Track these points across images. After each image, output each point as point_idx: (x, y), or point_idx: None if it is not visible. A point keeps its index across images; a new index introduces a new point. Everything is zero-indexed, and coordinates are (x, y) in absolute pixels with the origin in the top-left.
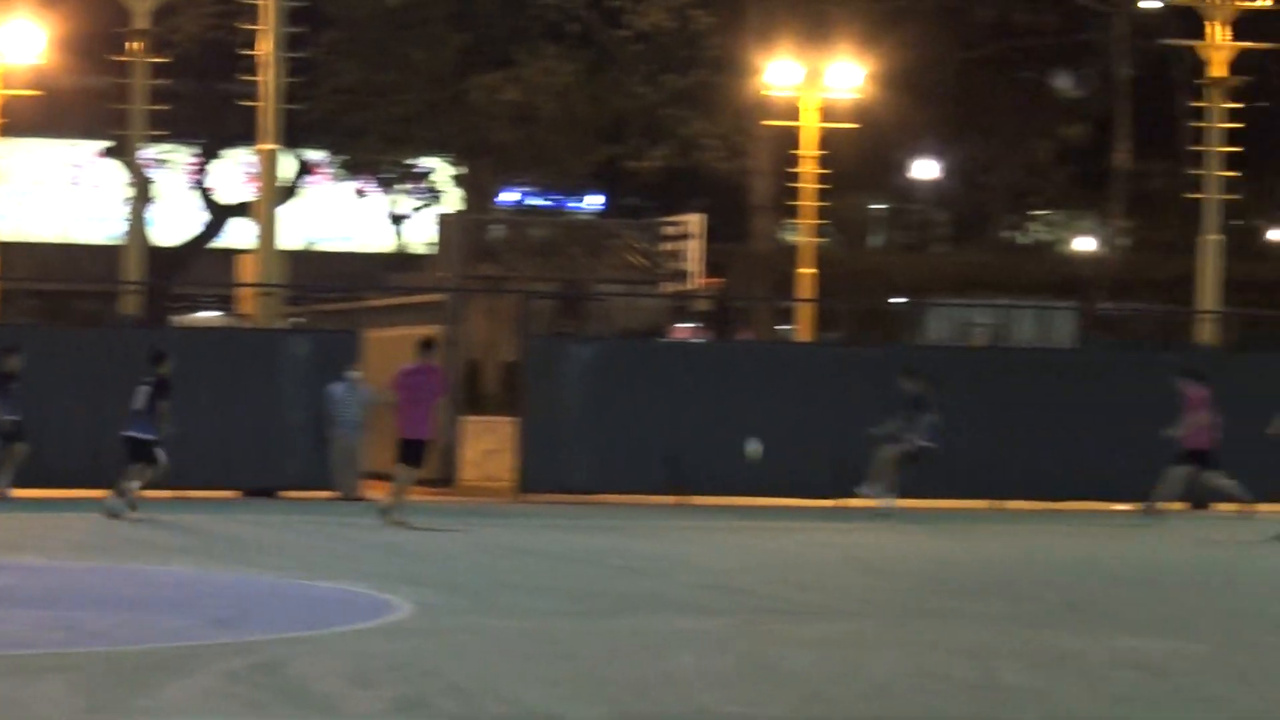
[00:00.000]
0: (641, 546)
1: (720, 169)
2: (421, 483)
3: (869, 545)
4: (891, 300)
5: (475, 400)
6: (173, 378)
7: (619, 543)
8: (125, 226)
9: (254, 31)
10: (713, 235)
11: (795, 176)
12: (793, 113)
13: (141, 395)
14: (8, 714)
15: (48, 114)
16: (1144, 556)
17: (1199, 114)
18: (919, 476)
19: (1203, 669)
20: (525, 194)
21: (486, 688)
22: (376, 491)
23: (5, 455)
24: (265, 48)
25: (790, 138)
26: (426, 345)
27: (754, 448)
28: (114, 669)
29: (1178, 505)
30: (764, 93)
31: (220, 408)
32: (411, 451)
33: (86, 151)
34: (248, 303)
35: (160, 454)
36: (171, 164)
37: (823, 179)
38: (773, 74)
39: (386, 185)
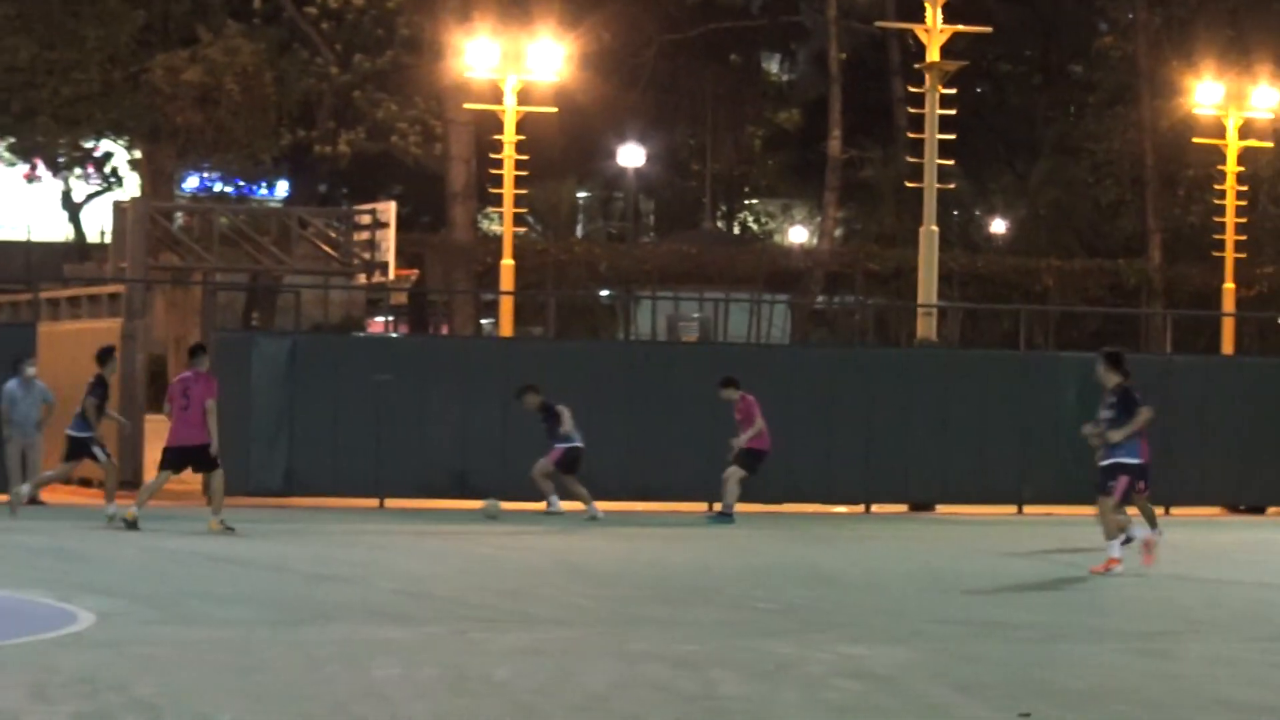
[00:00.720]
0: (338, 552)
1: (416, 155)
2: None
3: (577, 549)
4: (599, 293)
5: (159, 398)
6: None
7: (314, 548)
8: None
9: None
10: (409, 224)
11: (495, 163)
12: (492, 96)
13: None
14: None
15: None
16: (862, 561)
17: (915, 100)
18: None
19: (922, 676)
20: (209, 180)
21: (176, 703)
22: (56, 495)
23: None
24: None
25: (490, 122)
26: (196, 351)
27: (493, 506)
28: None
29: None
30: (462, 75)
31: None
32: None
33: None
34: None
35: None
36: None
37: (524, 166)
38: (471, 55)
39: (60, 169)
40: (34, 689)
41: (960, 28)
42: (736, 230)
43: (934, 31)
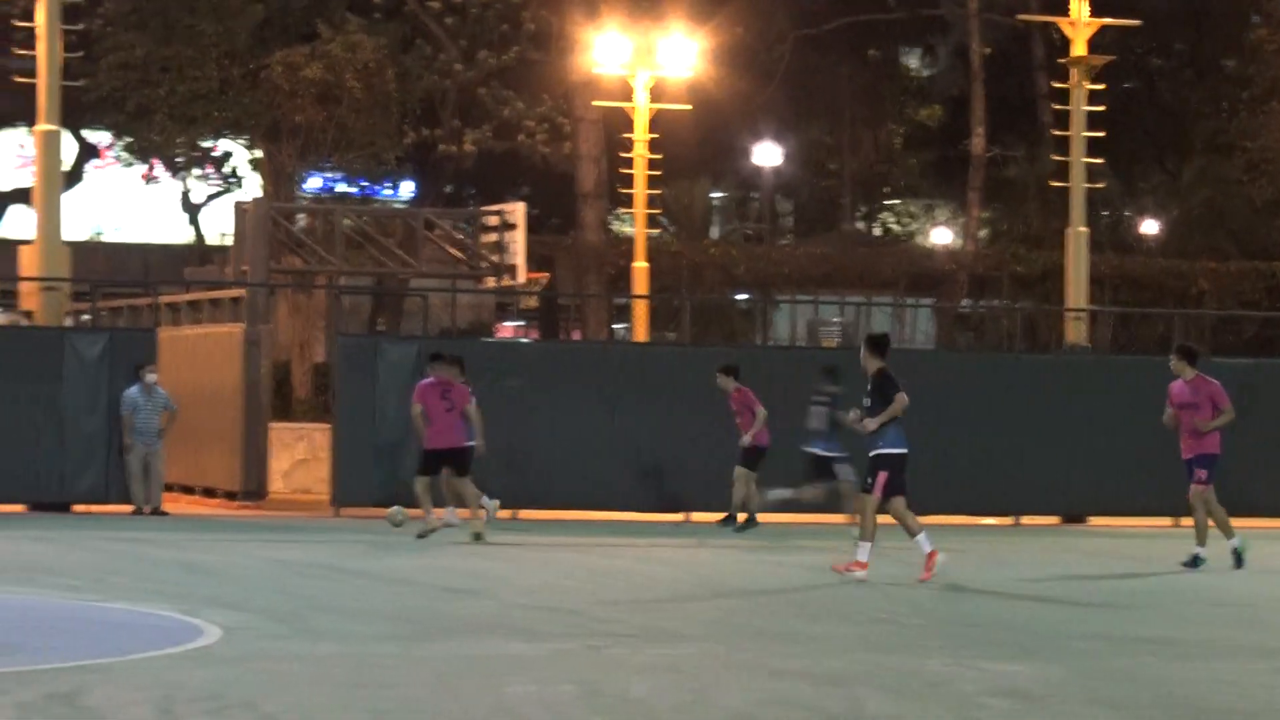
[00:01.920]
0: (467, 564)
1: (544, 154)
2: (228, 496)
3: (713, 562)
4: (736, 296)
5: (284, 406)
6: None
7: (443, 560)
8: None
9: (28, 0)
10: (539, 226)
11: (626, 162)
12: (622, 92)
13: None
14: None
15: None
16: (1010, 574)
17: (1061, 96)
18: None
19: (1074, 694)
20: (332, 180)
21: (302, 719)
22: (180, 505)
23: None
24: (40, 18)
25: (620, 120)
26: (436, 358)
27: (397, 514)
28: None
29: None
30: (591, 71)
31: (2, 414)
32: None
33: None
34: (30, 298)
35: None
36: None
37: (656, 165)
38: (600, 51)
39: (178, 170)
40: (160, 705)
41: (1107, 21)
42: (877, 231)
43: (1079, 25)
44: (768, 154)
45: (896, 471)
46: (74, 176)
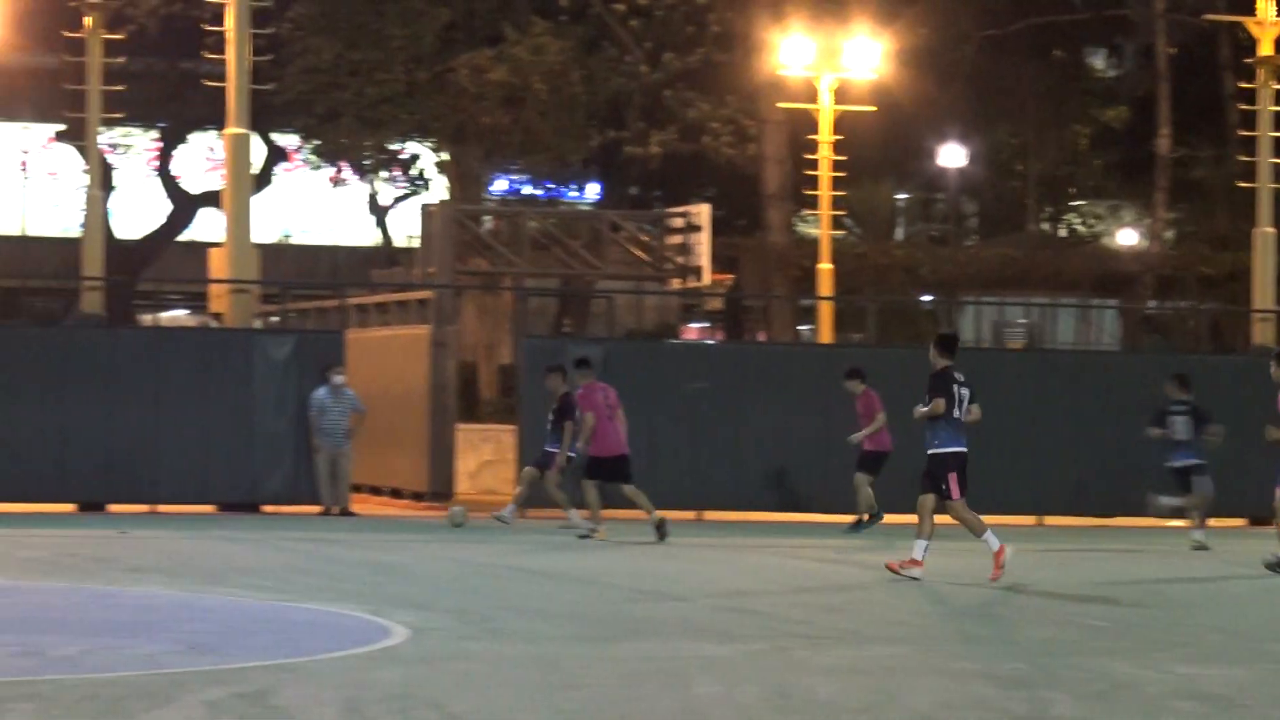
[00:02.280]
0: (652, 565)
1: (729, 155)
2: (415, 497)
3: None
4: (920, 298)
5: (470, 407)
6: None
7: (628, 561)
8: (83, 217)
9: (218, 5)
10: (722, 227)
11: (811, 163)
12: (807, 94)
13: None
14: None
15: None
16: (1197, 575)
17: (1248, 96)
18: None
19: (1264, 699)
20: (518, 182)
21: (492, 719)
22: (367, 506)
23: None
24: (230, 23)
25: (805, 121)
26: (583, 363)
27: (458, 514)
28: (86, 698)
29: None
30: (776, 73)
31: (193, 415)
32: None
33: (39, 136)
34: (220, 301)
35: None
36: (132, 149)
37: (841, 166)
38: (785, 52)
39: (366, 173)
40: (348, 705)
41: None
42: (1062, 233)
43: (1266, 25)
44: (952, 155)
45: (961, 470)
46: (263, 179)
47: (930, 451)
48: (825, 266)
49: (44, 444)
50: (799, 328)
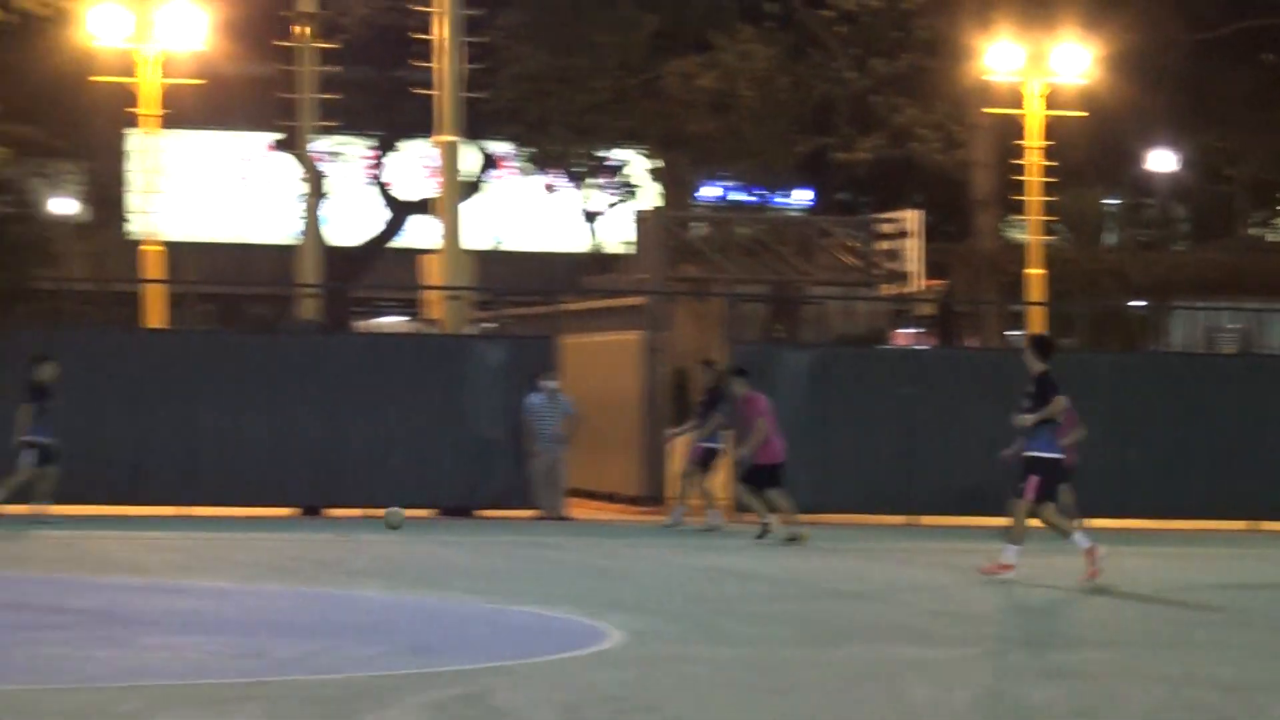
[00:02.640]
0: (866, 569)
1: (938, 161)
2: (629, 501)
3: (1115, 569)
4: (1130, 303)
5: (682, 412)
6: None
7: (842, 565)
8: (299, 225)
9: (429, 14)
10: (932, 233)
11: (1020, 169)
12: (1015, 100)
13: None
14: None
15: (212, 105)
16: None
17: None
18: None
19: None
20: (728, 188)
21: None
22: (582, 510)
23: (38, 476)
24: (441, 32)
25: (1013, 127)
26: (742, 371)
27: (394, 516)
28: (309, 700)
29: None
30: (983, 78)
31: (410, 421)
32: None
33: (256, 145)
34: (435, 307)
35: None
36: (346, 157)
37: (1050, 171)
38: (992, 58)
39: (577, 180)
40: (566, 706)
41: None
42: (1273, 237)
43: None
44: (1161, 160)
45: (1050, 477)
46: (475, 187)
47: (1032, 455)
48: (1035, 272)
49: (263, 449)
50: (1009, 333)
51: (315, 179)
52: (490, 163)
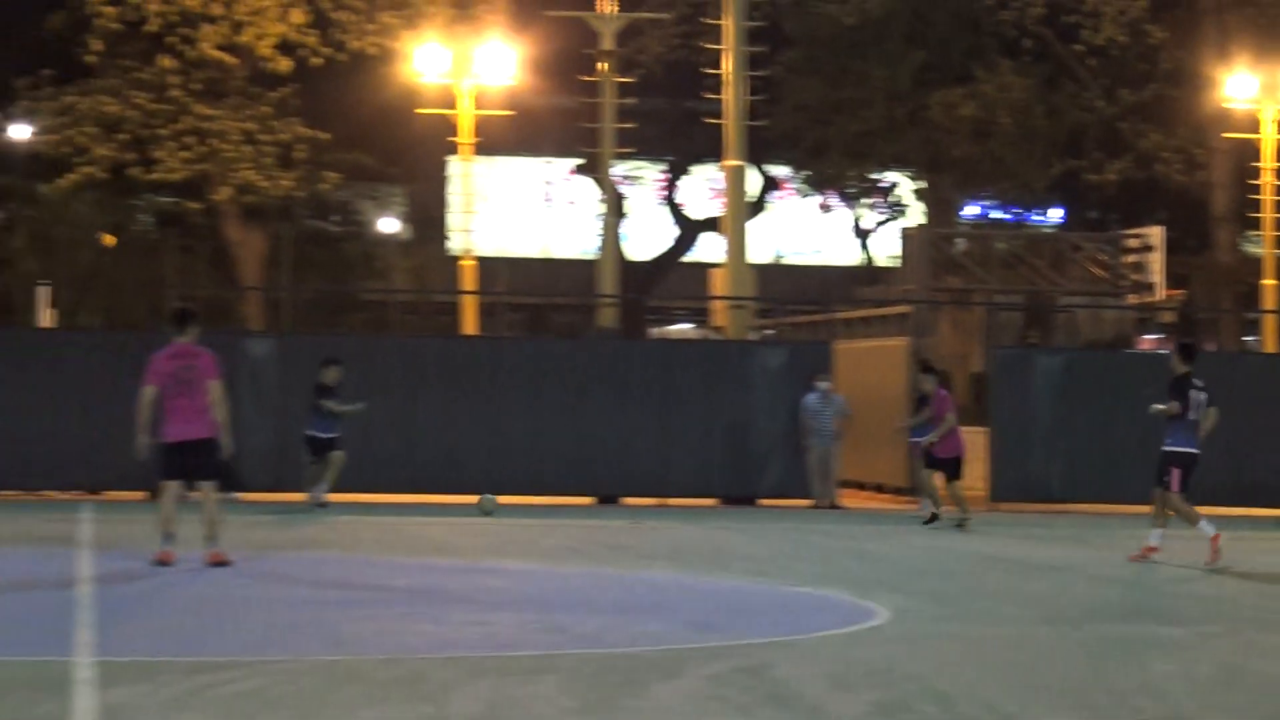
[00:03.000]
0: (1108, 555)
1: (1179, 181)
2: (895, 492)
3: None
4: None
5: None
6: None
7: (1089, 552)
8: (599, 241)
9: (717, 51)
10: (1173, 247)
11: (1256, 188)
12: (1252, 125)
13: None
14: (505, 711)
15: (521, 133)
16: None
17: None
18: None
19: None
20: (987, 207)
21: (965, 693)
22: (853, 500)
23: (323, 465)
24: (728, 67)
25: (1250, 150)
26: (929, 370)
27: (488, 502)
28: (602, 670)
29: None
30: (1222, 105)
31: (698, 419)
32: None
33: (559, 169)
34: (720, 315)
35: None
36: (641, 180)
37: None
38: (1230, 87)
39: (850, 200)
40: (836, 678)
41: None
42: None
43: None
44: None
45: (1187, 469)
46: (758, 206)
47: (1163, 449)
48: (1270, 282)
49: (565, 444)
50: (1245, 339)
51: (614, 200)
52: (771, 184)
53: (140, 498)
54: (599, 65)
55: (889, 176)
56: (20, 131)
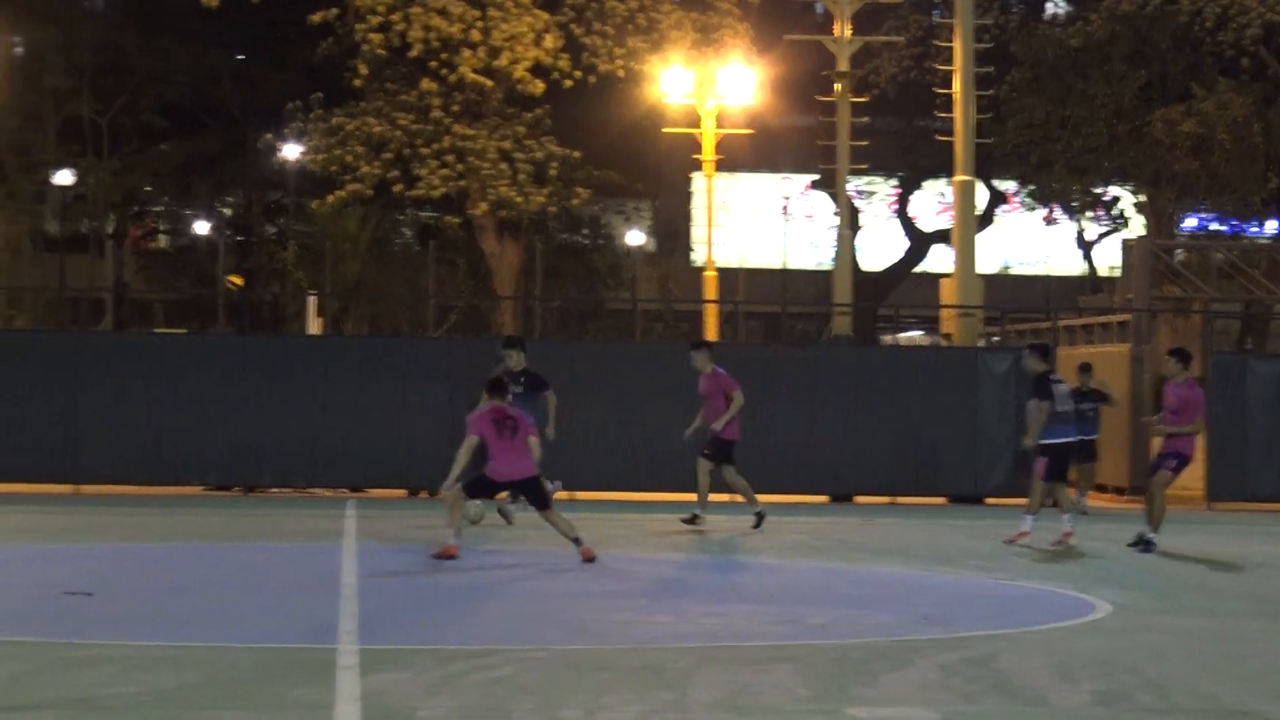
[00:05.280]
0: None
1: None
2: (1117, 491)
3: None
4: None
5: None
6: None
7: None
8: (834, 253)
9: (947, 72)
10: None
11: None
12: None
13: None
14: (743, 699)
15: (761, 151)
16: None
17: None
18: None
19: None
20: (1205, 220)
21: (1182, 684)
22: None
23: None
24: (957, 87)
25: None
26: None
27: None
28: (835, 660)
29: None
30: None
31: (926, 421)
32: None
33: (796, 185)
34: (949, 323)
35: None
36: (875, 195)
37: None
38: None
39: (1073, 213)
40: (1059, 669)
41: None
42: None
43: None
44: None
45: (1060, 458)
46: (985, 219)
47: (1038, 442)
48: None
49: (798, 444)
50: None
51: (849, 213)
52: (999, 198)
53: (399, 495)
54: (835, 86)
55: (1111, 191)
56: (292, 151)
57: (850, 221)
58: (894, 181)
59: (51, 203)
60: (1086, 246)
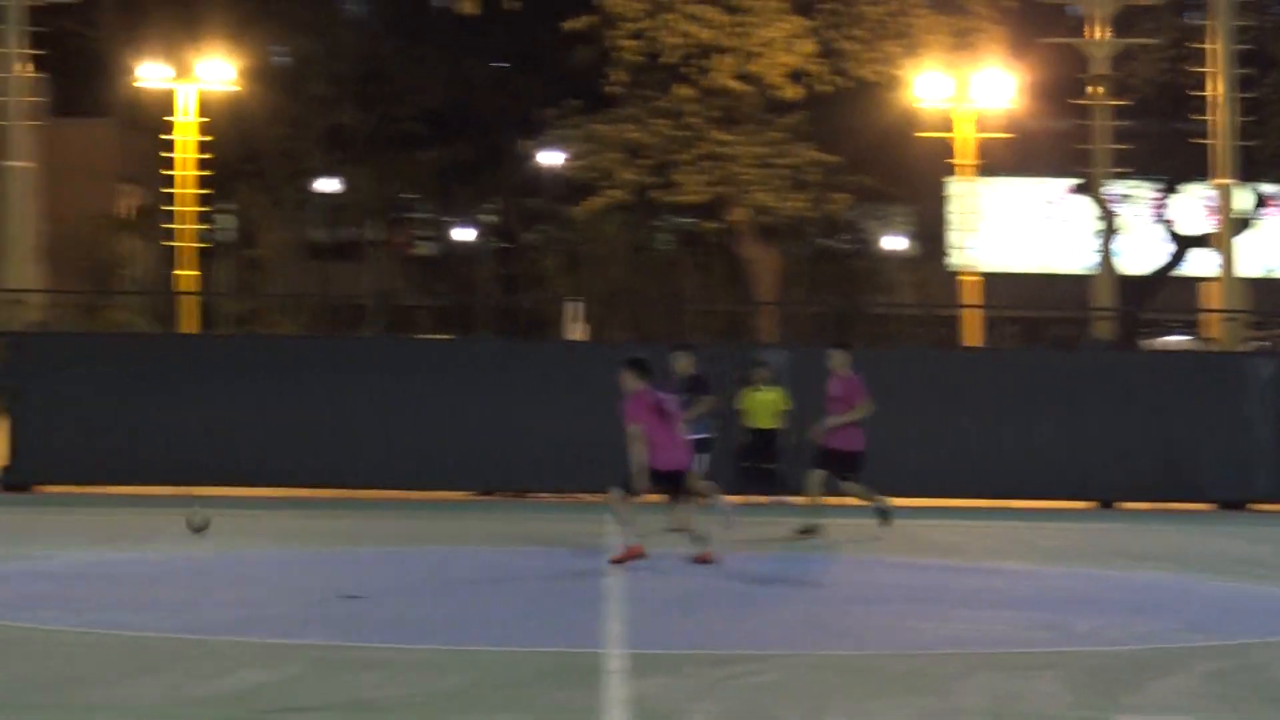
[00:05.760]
0: None
1: None
2: None
3: None
4: None
5: None
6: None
7: None
8: (1095, 257)
9: (1205, 74)
10: None
11: None
12: None
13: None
14: (1008, 705)
15: (1020, 155)
16: None
17: None
18: None
19: None
20: None
21: None
22: None
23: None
24: (1216, 89)
25: None
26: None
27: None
28: (1100, 668)
29: None
30: None
31: (1190, 426)
32: None
33: (1057, 188)
34: (1212, 327)
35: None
36: (1135, 199)
37: None
38: None
39: None
40: None
41: None
42: None
43: None
44: None
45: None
46: (1248, 222)
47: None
48: None
49: (1060, 449)
50: None
51: (1109, 217)
52: (1261, 201)
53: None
54: (1092, 89)
55: None
56: (551, 158)
57: (1110, 226)
58: (1154, 185)
59: (315, 210)
60: None
